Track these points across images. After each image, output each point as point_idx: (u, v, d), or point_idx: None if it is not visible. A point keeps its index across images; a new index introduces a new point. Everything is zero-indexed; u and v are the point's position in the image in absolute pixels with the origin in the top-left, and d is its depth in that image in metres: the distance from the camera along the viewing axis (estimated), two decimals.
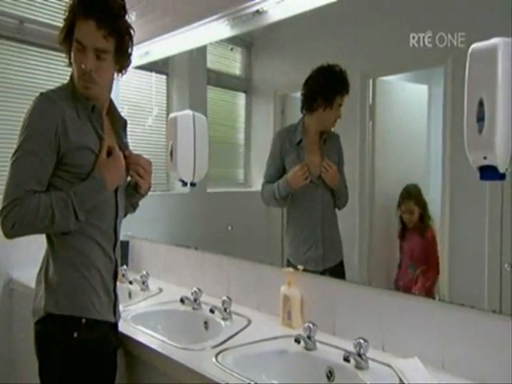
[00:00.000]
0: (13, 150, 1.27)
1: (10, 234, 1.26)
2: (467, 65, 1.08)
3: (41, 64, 2.48)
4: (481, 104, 1.04)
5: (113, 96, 1.48)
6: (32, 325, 1.36)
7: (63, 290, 1.32)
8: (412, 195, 1.59)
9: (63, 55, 1.39)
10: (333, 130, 1.76)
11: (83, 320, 1.32)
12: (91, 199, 1.32)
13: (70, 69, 1.39)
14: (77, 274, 1.33)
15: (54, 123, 1.27)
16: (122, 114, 1.53)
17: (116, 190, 1.42)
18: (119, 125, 1.49)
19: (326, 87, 1.72)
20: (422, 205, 1.56)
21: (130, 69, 1.58)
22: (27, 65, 2.45)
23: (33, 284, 1.43)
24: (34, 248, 1.55)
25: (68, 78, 1.41)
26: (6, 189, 1.26)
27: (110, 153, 1.38)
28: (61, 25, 1.36)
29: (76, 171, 1.31)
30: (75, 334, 1.30)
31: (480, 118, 1.05)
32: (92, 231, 1.35)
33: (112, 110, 1.48)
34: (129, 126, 1.56)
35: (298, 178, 1.78)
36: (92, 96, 1.36)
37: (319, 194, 1.76)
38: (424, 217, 1.57)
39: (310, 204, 1.79)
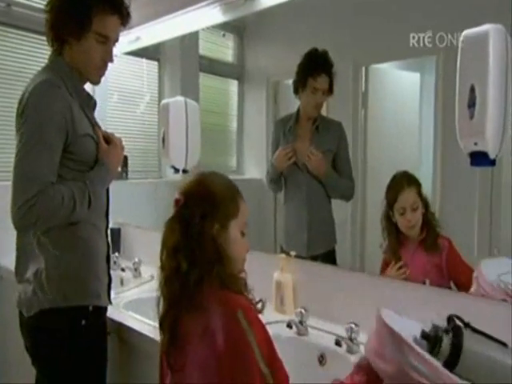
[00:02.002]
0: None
1: (29, 228, 1.24)
2: (459, 51, 1.08)
3: (27, 48, 2.42)
4: (472, 90, 1.05)
5: (103, 82, 1.47)
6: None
7: (69, 281, 1.29)
8: (412, 182, 1.32)
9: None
10: (334, 117, 1.75)
11: (90, 308, 1.32)
12: (103, 187, 1.35)
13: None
14: (82, 261, 1.32)
15: (64, 111, 1.25)
16: (113, 101, 1.52)
17: None
18: (90, 105, 1.44)
19: (300, 68, 1.73)
20: (425, 201, 1.31)
21: (120, 54, 1.57)
22: (14, 49, 2.40)
23: None
24: None
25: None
26: (21, 182, 1.19)
27: (106, 139, 1.39)
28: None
29: (81, 159, 1.31)
30: (83, 322, 1.30)
31: (471, 104, 1.05)
32: (93, 217, 1.35)
33: None
34: (120, 112, 1.55)
35: (280, 158, 1.79)
36: (98, 83, 1.41)
37: (304, 179, 1.76)
38: (428, 219, 1.28)
39: (296, 189, 1.81)
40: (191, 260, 0.94)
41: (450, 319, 0.87)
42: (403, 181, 1.36)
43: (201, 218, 0.95)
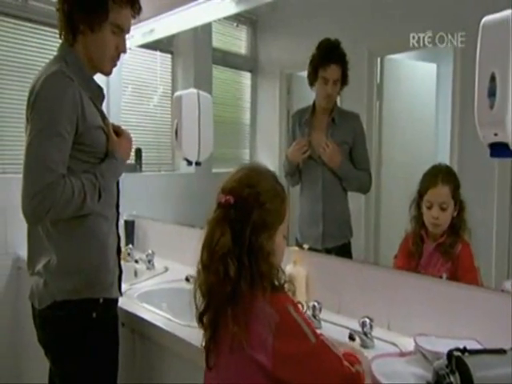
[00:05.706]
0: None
1: (40, 219, 1.23)
2: (479, 38, 1.05)
3: (43, 42, 2.44)
4: (492, 79, 1.01)
5: (117, 75, 1.48)
6: None
7: (79, 273, 1.29)
8: (449, 180, 1.23)
9: None
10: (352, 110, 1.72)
11: (101, 300, 1.33)
12: (114, 179, 1.37)
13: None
14: (92, 253, 1.32)
15: (76, 103, 1.24)
16: (127, 94, 1.52)
17: None
18: (100, 97, 1.43)
19: (311, 59, 1.71)
20: (460, 205, 1.23)
21: (134, 48, 1.57)
22: (30, 43, 2.41)
23: None
24: None
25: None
26: (32, 174, 1.18)
27: (115, 132, 1.39)
28: None
29: (91, 150, 1.30)
30: (94, 314, 1.31)
31: (491, 94, 1.02)
32: (104, 209, 1.35)
33: None
34: (134, 105, 1.55)
35: (294, 152, 1.78)
36: (110, 74, 1.43)
37: (320, 171, 1.74)
38: (455, 224, 1.20)
39: (311, 181, 1.79)
40: (240, 266, 0.95)
41: (450, 355, 0.87)
42: (439, 176, 1.28)
43: (252, 229, 0.96)
